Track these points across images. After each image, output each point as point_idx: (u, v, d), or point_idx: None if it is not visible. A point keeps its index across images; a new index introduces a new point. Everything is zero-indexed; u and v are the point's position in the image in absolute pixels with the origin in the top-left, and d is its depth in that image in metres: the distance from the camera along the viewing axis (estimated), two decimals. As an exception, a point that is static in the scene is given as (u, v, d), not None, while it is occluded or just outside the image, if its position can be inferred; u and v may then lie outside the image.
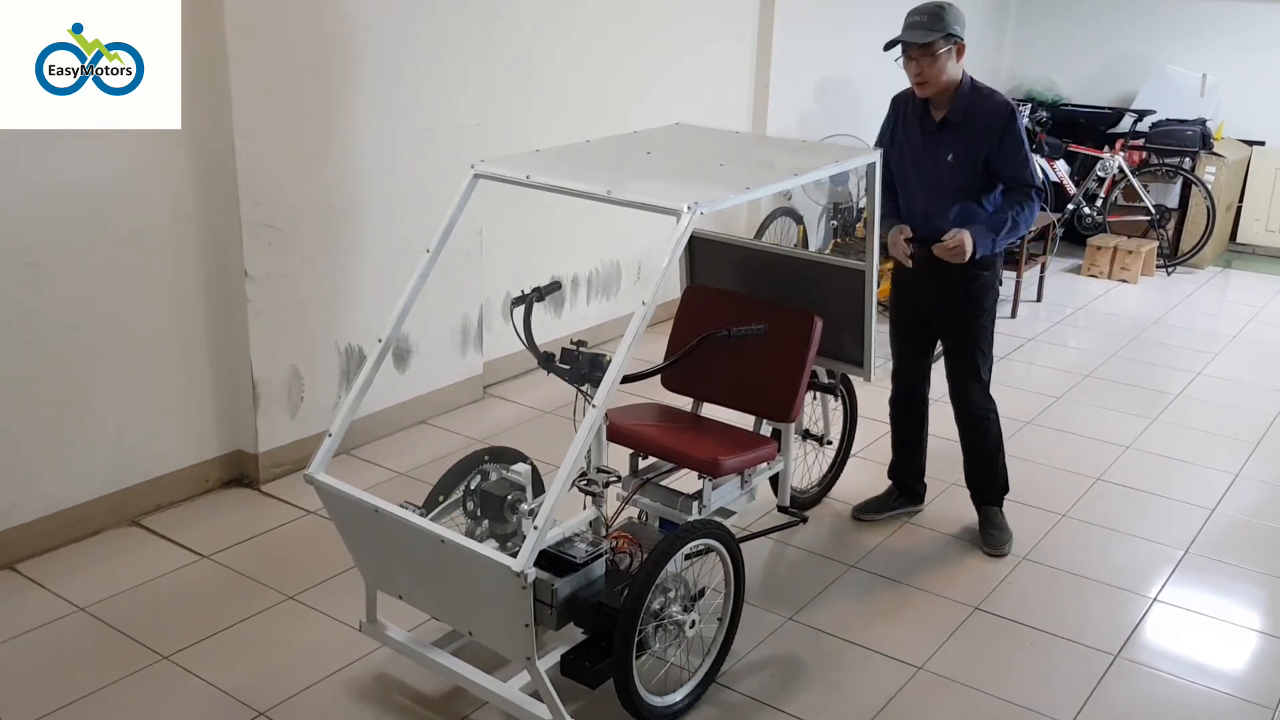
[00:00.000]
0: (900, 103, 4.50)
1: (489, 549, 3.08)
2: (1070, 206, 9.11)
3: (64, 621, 3.89)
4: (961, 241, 4.14)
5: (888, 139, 4.50)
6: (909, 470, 4.84)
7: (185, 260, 4.56)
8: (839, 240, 7.86)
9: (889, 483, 4.88)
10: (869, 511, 4.80)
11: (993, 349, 4.52)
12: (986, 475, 4.66)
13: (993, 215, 4.27)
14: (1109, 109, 10.06)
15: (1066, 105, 10.26)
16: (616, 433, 3.88)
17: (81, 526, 4.40)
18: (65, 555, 4.29)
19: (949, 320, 4.48)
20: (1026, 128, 8.46)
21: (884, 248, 4.51)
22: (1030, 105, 8.88)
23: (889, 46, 4.26)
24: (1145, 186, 9.10)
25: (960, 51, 4.19)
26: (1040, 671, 3.83)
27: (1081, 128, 9.75)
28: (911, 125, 4.38)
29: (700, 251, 4.58)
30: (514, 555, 2.94)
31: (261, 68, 4.50)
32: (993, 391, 4.56)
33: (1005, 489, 4.70)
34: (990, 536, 4.60)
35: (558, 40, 6.08)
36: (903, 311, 4.62)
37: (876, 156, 4.05)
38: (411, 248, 3.68)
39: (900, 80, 4.41)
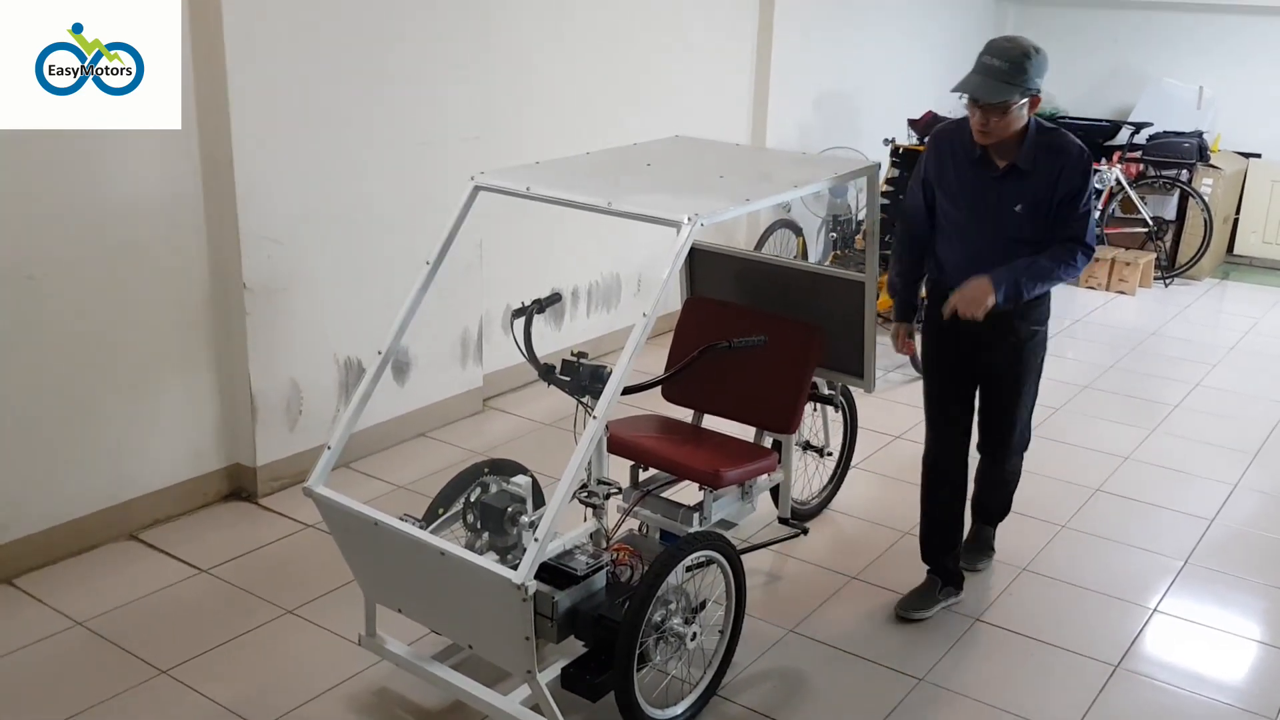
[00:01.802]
0: (945, 140, 3.91)
1: (489, 561, 3.07)
2: (1068, 218, 9.10)
3: (62, 636, 3.88)
4: (982, 289, 3.67)
5: (932, 181, 3.91)
6: (946, 546, 4.21)
7: (184, 272, 4.55)
8: (838, 252, 7.86)
9: (926, 574, 4.28)
10: (914, 609, 4.14)
11: (1034, 410, 4.18)
12: (992, 503, 4.50)
13: (1026, 262, 3.73)
14: (1106, 121, 10.07)
15: (1064, 118, 10.27)
16: (617, 444, 3.88)
17: (79, 541, 4.38)
18: (63, 569, 4.28)
19: (995, 380, 4.01)
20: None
21: (884, 259, 4.49)
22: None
23: (957, 91, 3.66)
24: (1143, 199, 9.12)
25: (1035, 102, 3.69)
26: (1041, 682, 3.82)
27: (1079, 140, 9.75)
28: (964, 169, 3.81)
29: (700, 263, 4.59)
30: (514, 568, 2.93)
31: (260, 81, 4.50)
32: None
33: (1006, 512, 4.56)
34: (971, 552, 4.43)
35: (558, 53, 6.09)
36: (941, 370, 4.08)
37: (875, 168, 4.05)
38: (411, 260, 3.68)
39: (908, 93, 4.39)
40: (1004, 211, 3.76)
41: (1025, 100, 3.61)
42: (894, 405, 4.74)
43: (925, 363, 4.13)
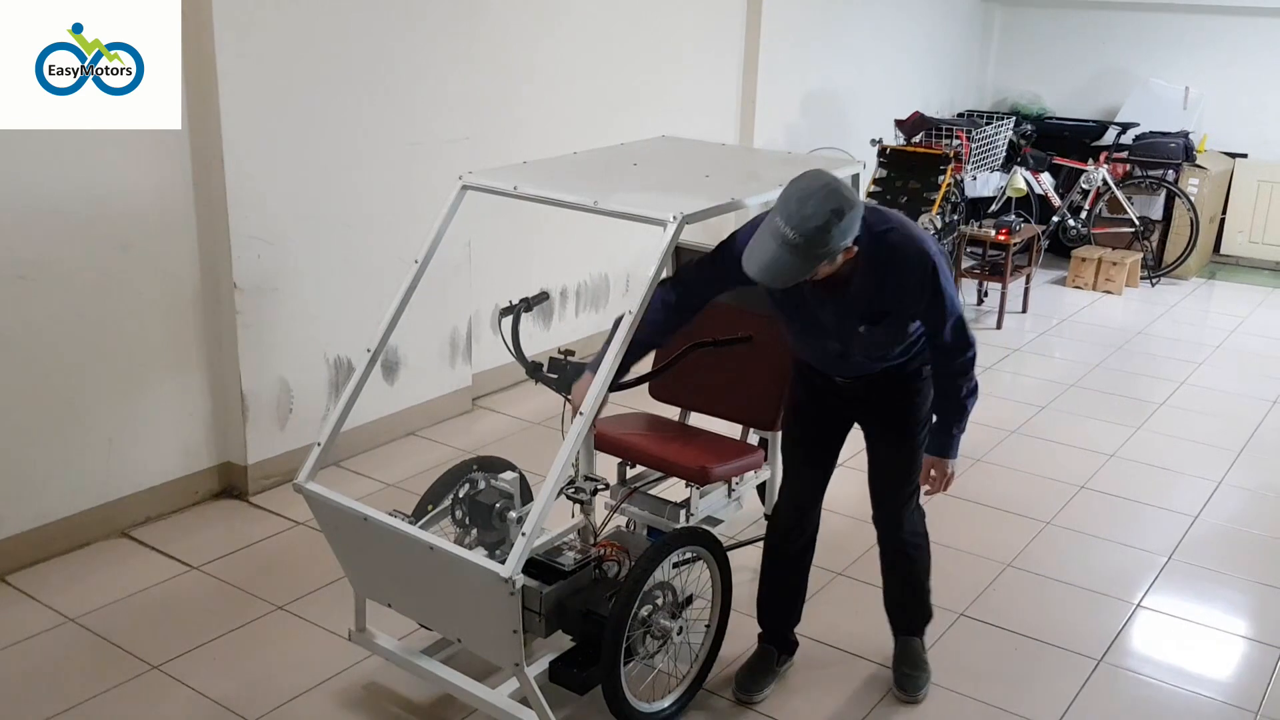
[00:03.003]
0: None
1: (478, 555, 3.10)
2: (1055, 219, 9.17)
3: (54, 632, 3.90)
4: (950, 478, 3.41)
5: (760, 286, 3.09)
6: (790, 617, 3.85)
7: (175, 272, 4.58)
8: (825, 252, 7.89)
9: (758, 642, 3.85)
10: (756, 690, 3.70)
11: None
12: (908, 602, 3.79)
13: (946, 412, 3.35)
14: (1093, 122, 10.13)
15: (1051, 118, 10.34)
16: (604, 442, 3.91)
17: (71, 538, 4.41)
18: (55, 566, 4.30)
19: (885, 425, 3.52)
20: (1011, 141, 8.58)
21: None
22: (1015, 118, 8.96)
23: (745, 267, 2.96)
24: (1129, 199, 9.16)
25: (849, 253, 2.99)
26: (1024, 677, 3.86)
27: (1066, 141, 9.82)
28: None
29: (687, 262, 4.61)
30: (503, 563, 2.96)
31: (251, 81, 4.53)
32: (978, 405, 4.25)
33: (929, 615, 3.83)
34: (904, 676, 3.73)
35: (546, 54, 6.12)
36: (814, 405, 3.61)
37: (860, 167, 4.08)
38: (400, 260, 3.71)
39: (895, 93, 4.40)
40: (847, 330, 3.25)
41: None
42: (880, 403, 4.80)
43: (791, 410, 3.70)
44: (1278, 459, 5.78)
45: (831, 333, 3.30)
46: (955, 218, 7.74)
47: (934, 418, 3.42)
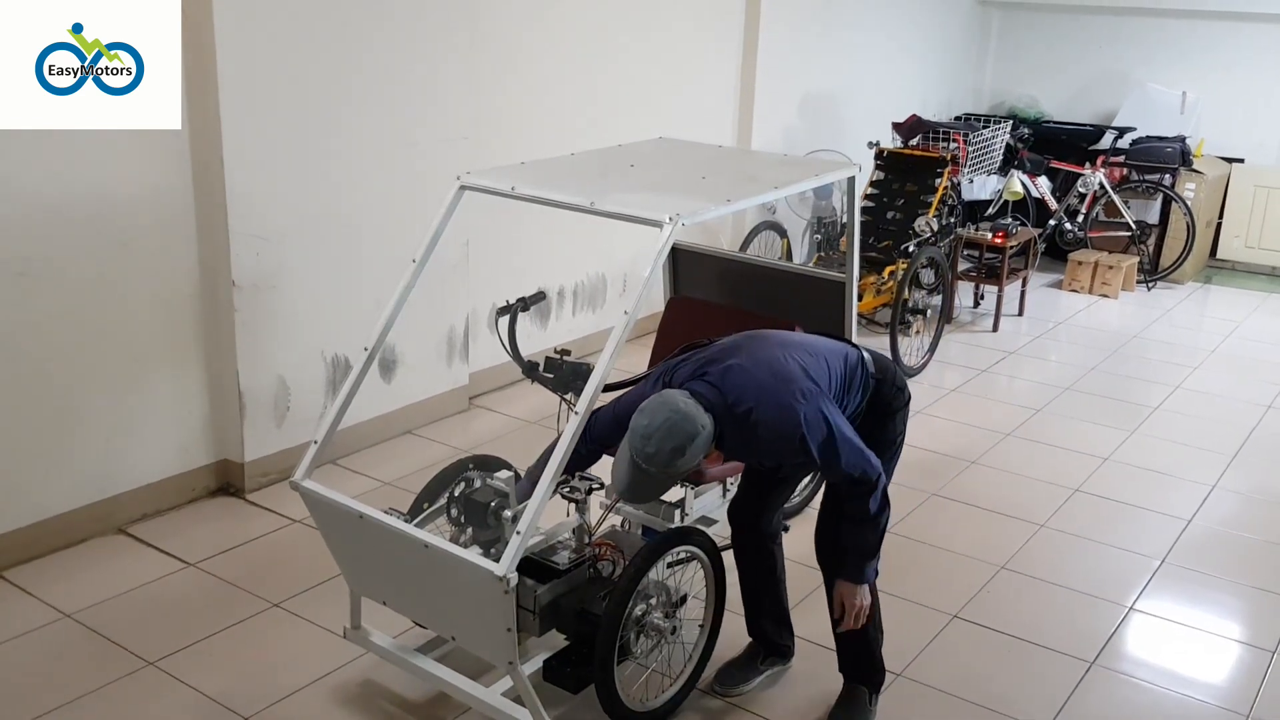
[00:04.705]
0: None
1: (472, 554, 3.12)
2: (1052, 222, 9.18)
3: (51, 628, 3.91)
4: (860, 607, 3.29)
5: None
6: (769, 622, 3.80)
7: (174, 270, 4.59)
8: (822, 254, 7.91)
9: (749, 641, 3.86)
10: (733, 684, 3.73)
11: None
12: (857, 658, 3.59)
13: (851, 536, 3.24)
14: (1090, 126, 10.15)
15: (1048, 122, 10.35)
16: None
17: (69, 534, 4.42)
18: (52, 562, 4.31)
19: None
20: (1008, 144, 8.60)
21: (865, 260, 4.53)
22: (1012, 122, 8.98)
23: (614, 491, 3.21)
24: (1126, 203, 9.18)
25: (712, 454, 3.11)
26: (1017, 678, 3.88)
27: (1063, 144, 9.83)
28: None
29: (684, 263, 4.63)
30: (497, 561, 2.97)
31: (250, 81, 4.53)
32: (973, 405, 4.30)
33: (878, 671, 3.61)
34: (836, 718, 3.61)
35: (545, 56, 6.14)
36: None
37: (856, 170, 4.09)
38: (398, 259, 3.71)
39: (892, 96, 4.42)
40: (762, 468, 3.53)
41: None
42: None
43: None
44: (1272, 463, 5.80)
45: (752, 469, 3.61)
46: (952, 220, 7.76)
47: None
